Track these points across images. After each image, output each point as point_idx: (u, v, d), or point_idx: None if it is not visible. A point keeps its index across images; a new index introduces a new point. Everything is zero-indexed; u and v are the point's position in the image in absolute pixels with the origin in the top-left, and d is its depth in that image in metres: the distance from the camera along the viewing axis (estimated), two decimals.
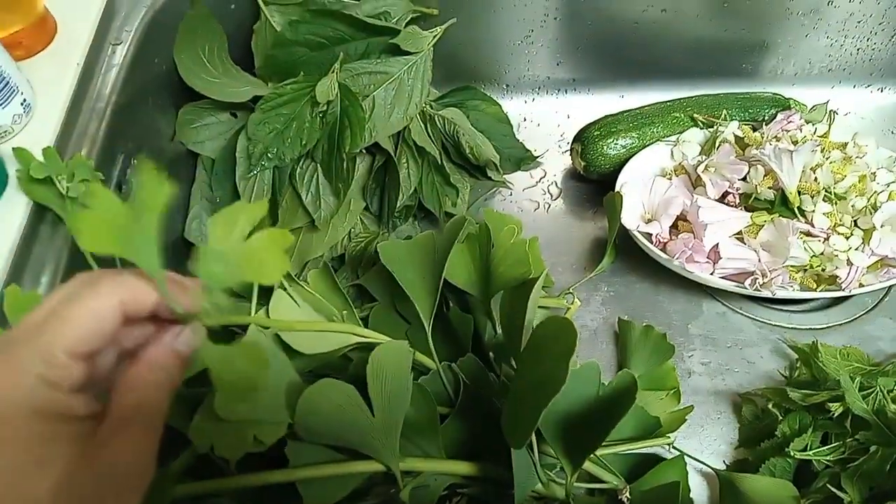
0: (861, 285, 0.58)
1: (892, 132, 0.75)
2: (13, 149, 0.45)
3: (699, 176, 0.62)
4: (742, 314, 0.63)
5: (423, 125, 0.65)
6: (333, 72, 0.59)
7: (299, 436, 0.43)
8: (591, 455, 0.51)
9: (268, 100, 0.59)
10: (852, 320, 0.63)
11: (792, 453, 0.50)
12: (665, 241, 0.62)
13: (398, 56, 0.62)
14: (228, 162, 0.61)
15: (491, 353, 0.54)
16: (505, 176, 0.72)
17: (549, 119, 0.77)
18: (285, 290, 0.48)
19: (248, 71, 0.64)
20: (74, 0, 0.55)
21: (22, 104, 0.46)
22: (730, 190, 0.61)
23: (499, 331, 0.54)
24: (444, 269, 0.50)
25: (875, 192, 0.60)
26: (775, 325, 0.63)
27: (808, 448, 0.51)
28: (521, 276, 0.57)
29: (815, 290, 0.59)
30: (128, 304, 0.30)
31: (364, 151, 0.64)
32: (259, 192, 0.61)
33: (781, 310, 0.63)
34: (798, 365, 0.58)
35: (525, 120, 0.77)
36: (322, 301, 0.51)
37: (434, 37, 0.63)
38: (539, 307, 0.62)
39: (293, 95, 0.59)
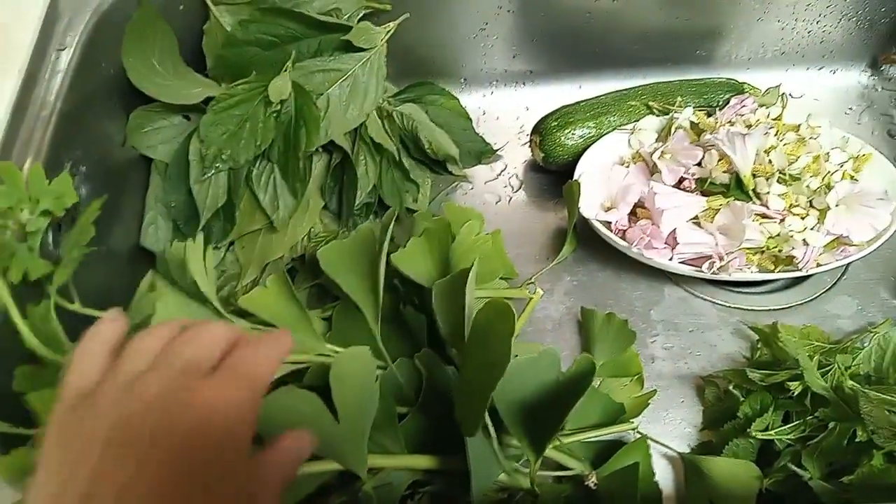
0: (818, 265, 0.59)
1: (845, 112, 0.76)
2: (2, 165, 0.43)
3: (656, 163, 0.62)
4: (703, 298, 0.64)
5: (380, 122, 0.64)
6: (286, 70, 0.59)
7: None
8: (556, 443, 0.51)
9: (219, 101, 0.58)
10: (811, 300, 0.64)
11: (754, 433, 0.51)
12: (624, 228, 0.62)
13: (351, 53, 0.61)
14: (182, 166, 0.60)
15: (449, 348, 0.54)
16: (465, 170, 0.72)
17: (507, 111, 0.77)
18: None
19: (199, 72, 0.63)
20: (14, 5, 0.54)
21: None
22: (685, 175, 0.61)
23: None
24: (382, 266, 0.49)
25: (829, 172, 0.60)
26: (736, 308, 0.63)
27: (770, 428, 0.51)
28: (489, 271, 0.58)
29: (772, 271, 0.60)
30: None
31: (321, 150, 0.63)
32: (214, 195, 0.60)
33: (742, 292, 0.64)
34: (759, 346, 0.59)
35: (484, 113, 0.77)
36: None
37: (387, 32, 0.63)
38: (505, 299, 0.62)
39: (246, 96, 0.59)
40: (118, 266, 0.60)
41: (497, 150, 0.74)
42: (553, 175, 0.72)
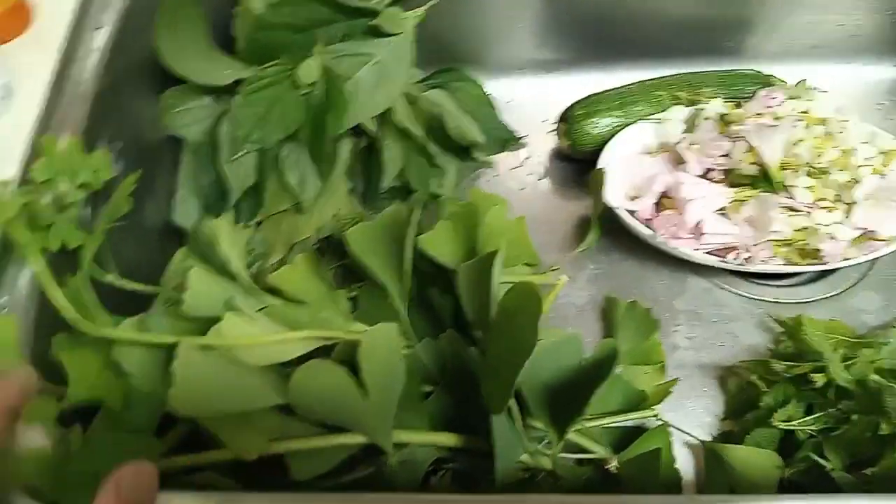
0: (844, 259, 0.59)
1: (875, 107, 0.76)
2: (43, 138, 0.44)
3: (682, 153, 0.62)
4: (727, 289, 0.64)
5: (407, 107, 0.65)
6: (315, 54, 0.59)
7: (294, 412, 0.44)
8: (578, 426, 0.51)
9: (250, 83, 0.59)
10: (836, 294, 0.63)
11: (776, 424, 0.51)
12: (649, 217, 0.62)
13: (380, 38, 0.62)
14: (213, 146, 0.61)
15: (473, 330, 0.55)
16: (490, 157, 0.72)
17: (533, 100, 0.77)
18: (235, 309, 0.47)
19: (229, 54, 0.64)
20: None
21: (4, 88, 0.46)
22: (712, 166, 0.61)
23: None
24: (409, 249, 0.50)
25: (857, 166, 0.60)
26: (760, 300, 0.63)
27: (792, 419, 0.51)
28: (513, 256, 0.58)
29: (798, 264, 0.60)
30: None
31: (349, 133, 0.64)
32: (244, 174, 0.61)
33: (766, 284, 0.64)
34: (782, 338, 0.59)
35: (509, 101, 0.77)
36: (282, 309, 0.51)
37: (416, 18, 0.63)
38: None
39: (275, 78, 0.59)
40: (149, 241, 0.61)
41: (522, 137, 0.74)
42: (577, 164, 0.72)
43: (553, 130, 0.73)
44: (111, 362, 0.43)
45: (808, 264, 0.59)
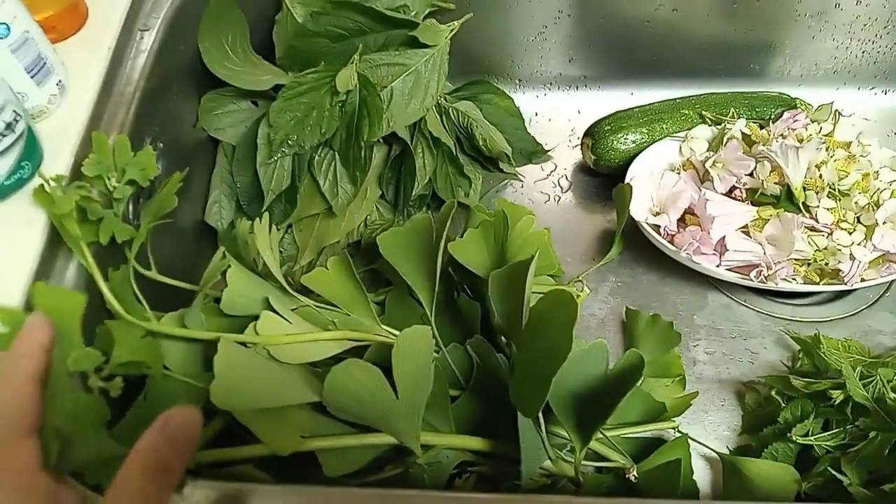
0: (862, 280, 0.60)
1: (893, 133, 0.77)
2: (94, 135, 0.46)
3: (707, 171, 0.63)
4: (746, 306, 0.65)
5: (438, 117, 0.66)
6: (353, 62, 0.61)
7: (328, 411, 0.45)
8: (600, 436, 0.52)
9: (289, 88, 0.60)
10: (854, 314, 0.64)
11: (794, 438, 0.52)
12: (673, 233, 0.63)
13: (416, 49, 0.64)
14: (249, 149, 0.63)
15: (501, 337, 0.56)
16: (516, 168, 0.74)
17: (559, 114, 0.78)
18: (273, 310, 0.49)
19: (268, 60, 0.65)
20: None
21: (57, 84, 0.48)
22: (737, 185, 0.63)
23: None
24: (441, 253, 0.51)
25: (878, 189, 0.61)
26: (779, 318, 0.64)
27: (810, 434, 0.52)
28: (539, 266, 0.59)
29: (818, 283, 0.61)
30: (35, 372, 0.35)
31: (381, 141, 0.66)
32: (279, 178, 0.62)
33: (785, 303, 0.65)
34: (800, 356, 0.60)
35: (536, 115, 0.78)
36: (315, 310, 0.52)
37: (451, 31, 0.64)
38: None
39: (313, 84, 0.61)
40: (182, 240, 0.62)
41: (548, 150, 0.75)
42: (602, 179, 0.73)
43: (578, 145, 0.75)
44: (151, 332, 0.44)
45: (827, 284, 0.60)
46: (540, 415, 0.48)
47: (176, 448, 0.33)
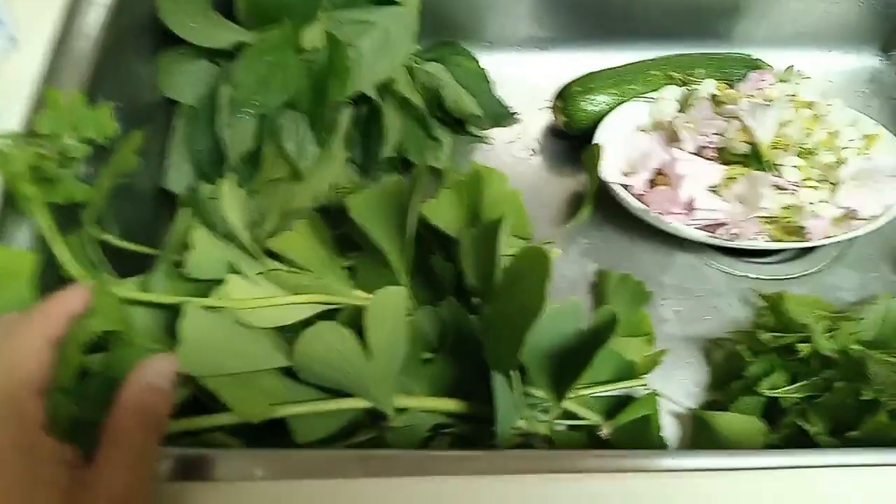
0: (826, 237, 0.61)
1: (856, 94, 0.78)
2: (47, 90, 0.43)
3: (676, 131, 0.64)
4: (712, 265, 0.66)
5: (407, 77, 0.65)
6: (318, 19, 0.59)
7: (298, 377, 0.44)
8: (572, 394, 0.53)
9: (252, 45, 0.58)
10: (816, 272, 0.66)
11: (762, 392, 0.53)
12: (642, 193, 0.63)
13: (383, 6, 0.62)
14: (210, 109, 0.60)
15: (474, 298, 0.56)
16: (485, 131, 0.73)
17: (528, 77, 0.78)
18: (238, 273, 0.48)
19: (228, 18, 0.63)
20: None
21: (8, 38, 0.45)
22: (706, 144, 0.63)
23: None
24: (414, 213, 0.50)
25: (842, 148, 0.62)
26: (743, 276, 0.65)
27: (777, 387, 0.53)
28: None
29: (783, 241, 0.62)
30: (53, 334, 0.34)
31: (348, 102, 0.64)
32: (242, 140, 0.60)
33: (749, 261, 0.66)
34: (764, 313, 0.61)
35: (505, 77, 0.77)
36: (285, 274, 0.51)
37: None
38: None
39: (277, 42, 0.59)
40: (140, 206, 0.60)
41: (517, 113, 0.75)
42: (571, 141, 0.73)
43: (547, 107, 0.74)
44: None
45: (791, 241, 0.61)
46: (513, 374, 0.48)
47: (160, 395, 0.33)
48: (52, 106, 0.44)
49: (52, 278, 0.42)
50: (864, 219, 0.61)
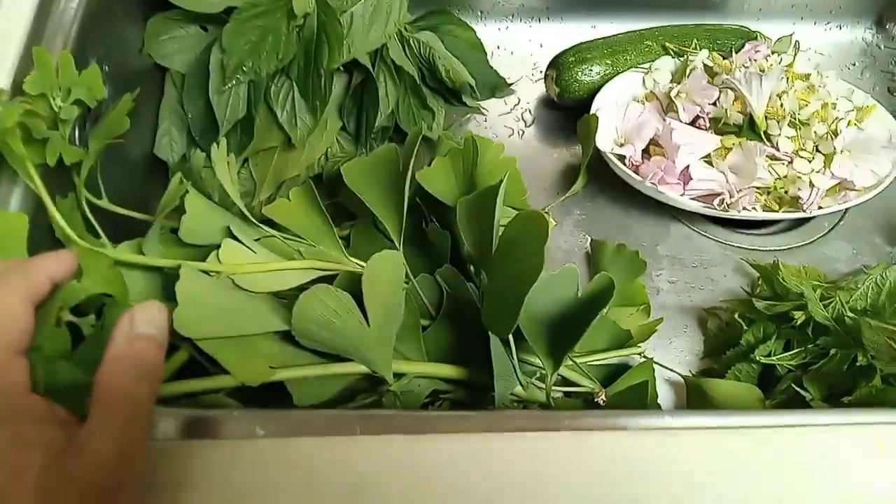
0: (820, 207, 0.61)
1: (848, 67, 0.78)
2: (35, 50, 0.42)
3: (671, 101, 0.63)
4: (707, 236, 0.66)
5: (400, 45, 0.64)
6: None
7: (296, 341, 0.43)
8: (569, 362, 0.53)
9: (243, 10, 0.57)
10: (810, 242, 0.66)
11: (758, 358, 0.53)
12: (637, 164, 0.63)
13: None
14: (200, 76, 0.59)
15: (470, 266, 0.55)
16: (479, 102, 0.72)
17: (521, 47, 0.77)
18: (235, 238, 0.47)
19: None
20: None
21: None
22: (700, 115, 0.63)
23: None
24: (408, 182, 0.50)
25: (836, 119, 0.62)
26: (738, 247, 0.65)
27: (772, 354, 0.54)
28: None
29: (777, 211, 0.62)
30: (34, 295, 0.33)
31: (341, 70, 0.63)
32: (234, 107, 0.59)
33: (744, 232, 0.66)
34: (759, 283, 0.61)
35: (498, 47, 0.77)
36: (280, 240, 0.50)
37: None
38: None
39: (269, 7, 0.58)
40: (131, 173, 0.59)
41: (511, 84, 0.74)
42: (565, 112, 0.72)
43: (541, 78, 0.73)
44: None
45: (786, 211, 0.62)
46: (511, 340, 0.47)
47: (150, 343, 0.32)
48: (40, 66, 0.43)
49: (42, 243, 0.42)
50: (857, 190, 0.62)
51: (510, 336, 0.46)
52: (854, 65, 0.78)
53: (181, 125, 0.62)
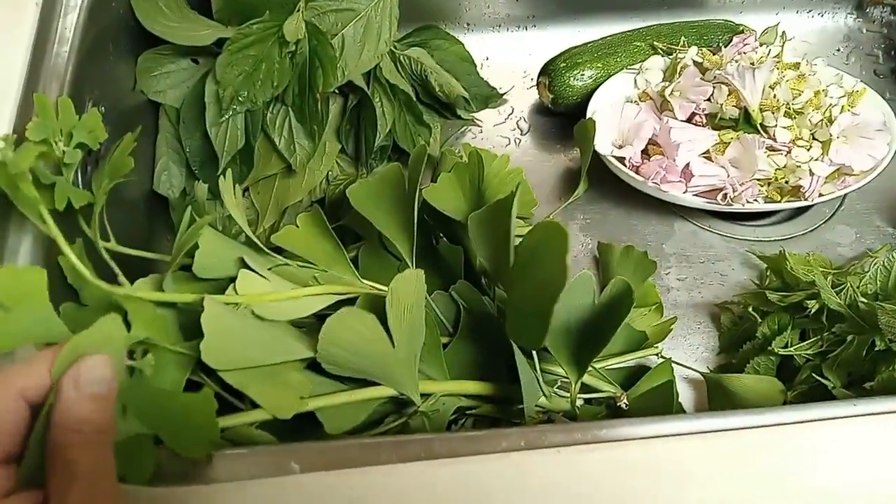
0: (821, 195, 0.62)
1: (833, 54, 0.79)
2: (36, 97, 0.41)
3: (666, 100, 0.64)
4: (711, 231, 0.66)
5: (392, 64, 0.64)
6: (299, 10, 0.58)
7: (320, 370, 0.43)
8: (589, 368, 0.52)
9: (234, 41, 0.57)
10: (812, 230, 0.67)
11: (776, 350, 0.53)
12: (637, 165, 0.63)
13: None
14: (195, 109, 0.59)
15: (483, 279, 0.55)
16: (473, 114, 0.72)
17: (510, 56, 0.77)
18: (249, 268, 0.47)
19: (205, 15, 0.61)
20: None
21: None
22: (696, 111, 0.63)
23: None
24: (415, 200, 0.50)
25: (829, 105, 0.63)
26: (742, 239, 0.66)
27: (789, 345, 0.54)
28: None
29: (779, 201, 0.62)
30: (29, 391, 0.31)
31: (336, 92, 0.63)
32: (232, 138, 0.59)
33: (747, 225, 0.67)
34: (768, 273, 0.61)
35: (487, 58, 0.77)
36: (293, 268, 0.50)
37: None
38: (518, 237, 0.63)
39: (260, 36, 0.57)
40: (133, 210, 0.59)
41: (503, 94, 0.74)
42: (560, 118, 0.72)
43: (533, 86, 0.74)
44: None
45: (788, 201, 0.62)
46: (534, 352, 0.47)
47: (97, 403, 0.31)
48: (42, 112, 0.42)
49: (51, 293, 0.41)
50: (856, 174, 0.62)
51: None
52: (839, 50, 0.79)
53: (179, 160, 0.61)
